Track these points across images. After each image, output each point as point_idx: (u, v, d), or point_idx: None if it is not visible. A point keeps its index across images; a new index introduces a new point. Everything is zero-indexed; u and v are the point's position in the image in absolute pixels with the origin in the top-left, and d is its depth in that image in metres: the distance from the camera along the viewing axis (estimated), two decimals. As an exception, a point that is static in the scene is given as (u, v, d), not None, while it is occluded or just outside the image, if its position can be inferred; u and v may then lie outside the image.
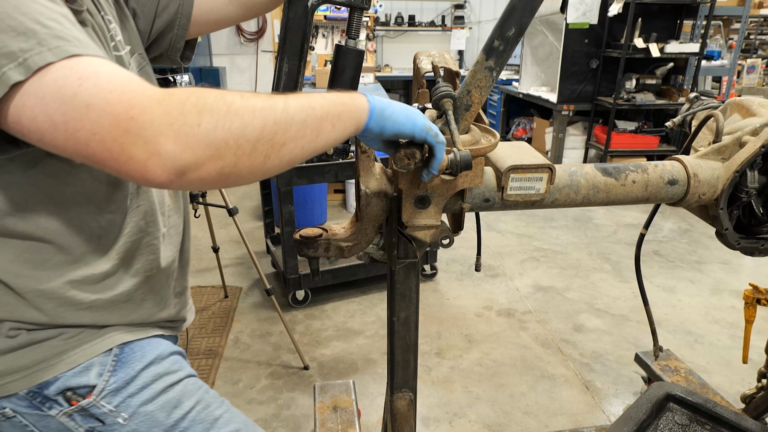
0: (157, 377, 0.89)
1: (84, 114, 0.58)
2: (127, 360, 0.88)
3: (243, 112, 0.63)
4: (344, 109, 0.73)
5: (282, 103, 0.67)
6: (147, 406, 0.87)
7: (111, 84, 0.59)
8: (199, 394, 0.94)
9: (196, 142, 0.60)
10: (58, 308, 0.82)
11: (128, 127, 0.58)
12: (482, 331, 2.84)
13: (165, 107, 0.59)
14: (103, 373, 0.85)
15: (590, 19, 4.68)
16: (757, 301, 1.76)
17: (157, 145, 0.59)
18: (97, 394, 0.84)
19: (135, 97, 0.59)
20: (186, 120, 0.59)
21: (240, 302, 3.09)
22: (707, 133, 1.24)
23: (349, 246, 1.01)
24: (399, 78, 7.57)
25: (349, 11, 0.89)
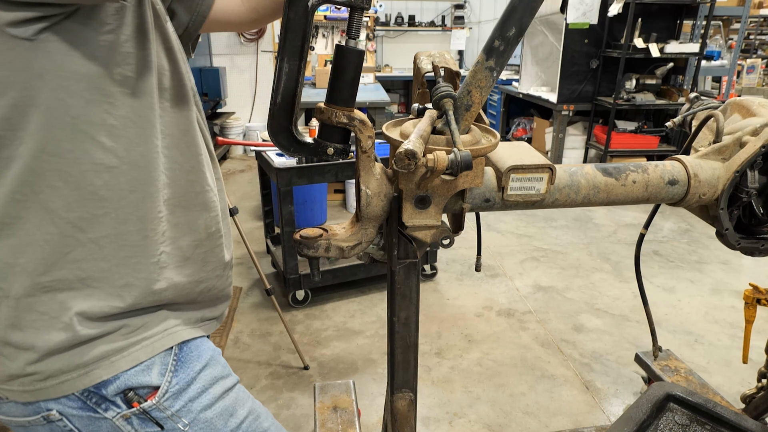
0: (214, 381, 0.86)
1: None
2: (186, 359, 0.83)
3: None
4: None
5: None
6: (207, 412, 0.83)
7: None
8: (249, 403, 0.91)
9: None
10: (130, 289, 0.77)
11: None
12: (482, 331, 2.84)
13: None
14: (165, 372, 0.80)
15: (590, 19, 4.68)
16: (757, 301, 1.76)
17: None
18: (161, 396, 0.80)
19: None
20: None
21: (240, 302, 3.09)
22: (707, 133, 1.24)
23: (349, 246, 1.01)
24: (399, 78, 7.58)
25: (349, 11, 0.89)
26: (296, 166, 2.68)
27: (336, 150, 0.92)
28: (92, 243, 0.74)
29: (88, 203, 0.72)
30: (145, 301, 0.80)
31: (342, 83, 0.89)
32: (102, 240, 0.74)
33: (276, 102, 0.91)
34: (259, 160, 3.10)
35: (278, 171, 2.67)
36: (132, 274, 0.77)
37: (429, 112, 0.91)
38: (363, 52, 0.89)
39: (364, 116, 0.90)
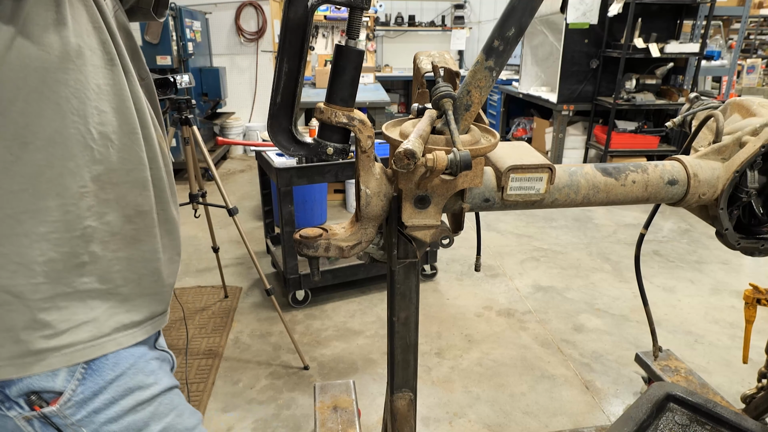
0: (127, 392, 0.82)
1: None
2: (97, 368, 0.80)
3: None
4: None
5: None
6: (111, 426, 0.81)
7: None
8: (169, 419, 0.86)
9: None
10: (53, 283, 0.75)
11: None
12: (482, 331, 2.84)
13: None
14: (71, 379, 0.78)
15: (590, 19, 4.68)
16: (757, 301, 1.76)
17: None
18: (63, 403, 0.78)
19: None
20: None
21: (240, 302, 3.09)
22: (707, 133, 1.24)
23: (349, 246, 1.01)
24: (399, 78, 7.58)
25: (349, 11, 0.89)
26: (296, 166, 2.68)
27: (336, 150, 0.92)
28: (10, 219, 0.72)
29: (4, 180, 0.71)
30: (70, 282, 0.77)
31: (342, 83, 0.89)
32: (21, 216, 0.72)
33: (276, 102, 0.91)
34: (259, 160, 3.10)
35: (278, 171, 2.67)
36: (54, 249, 0.75)
37: (428, 112, 0.91)
38: (363, 52, 0.89)
39: (363, 116, 0.90)
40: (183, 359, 2.49)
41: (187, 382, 2.34)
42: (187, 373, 2.41)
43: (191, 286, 3.26)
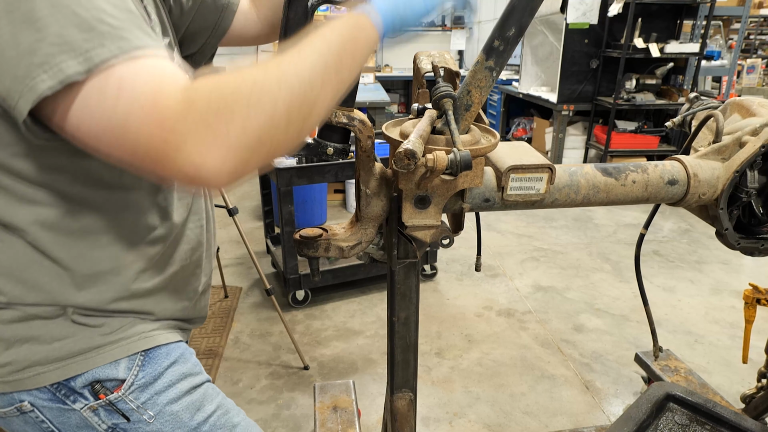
0: (182, 377, 0.88)
1: (125, 126, 0.58)
2: (154, 356, 0.86)
3: (267, 89, 0.60)
4: (357, 33, 0.70)
5: (297, 59, 0.64)
6: (173, 406, 0.86)
7: (145, 88, 0.58)
8: (219, 399, 0.93)
9: (235, 143, 0.59)
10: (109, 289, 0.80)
11: (168, 138, 0.58)
12: (482, 331, 2.84)
13: (196, 113, 0.58)
14: (132, 367, 0.83)
15: (590, 19, 4.68)
16: (757, 301, 1.76)
17: (201, 156, 0.58)
18: (126, 389, 0.82)
19: (167, 107, 0.58)
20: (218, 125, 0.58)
21: (240, 302, 3.09)
22: (707, 133, 1.24)
23: (349, 246, 1.01)
24: (399, 78, 7.58)
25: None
26: (296, 166, 2.68)
27: (336, 150, 0.92)
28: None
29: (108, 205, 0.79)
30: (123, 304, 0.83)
31: (342, 83, 0.89)
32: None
33: (276, 102, 0.91)
34: (259, 160, 3.09)
35: (278, 171, 2.67)
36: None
37: (428, 111, 0.91)
38: (363, 52, 0.89)
39: (364, 116, 0.90)
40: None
41: (187, 382, 2.34)
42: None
43: (191, 286, 3.26)
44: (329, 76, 0.66)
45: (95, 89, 0.58)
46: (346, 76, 0.68)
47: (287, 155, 0.65)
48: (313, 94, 0.64)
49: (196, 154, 0.58)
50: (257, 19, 1.08)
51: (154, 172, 0.62)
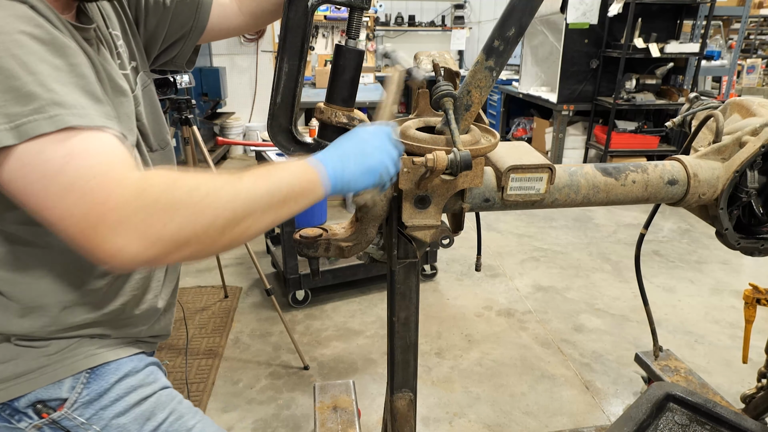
0: (131, 389, 0.89)
1: (64, 195, 0.60)
2: (101, 372, 0.87)
3: (214, 206, 0.65)
4: (307, 186, 0.76)
5: (249, 188, 0.69)
6: (120, 419, 0.87)
7: (93, 169, 0.60)
8: (172, 405, 0.93)
9: (163, 240, 0.63)
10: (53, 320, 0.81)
11: (103, 219, 0.60)
12: (482, 331, 2.84)
13: (140, 203, 0.61)
14: (76, 385, 0.84)
15: (590, 19, 4.68)
16: (757, 301, 1.76)
17: (126, 242, 0.61)
18: (69, 407, 0.84)
19: (114, 190, 0.60)
20: (157, 219, 0.62)
21: (240, 302, 3.09)
22: (707, 133, 1.24)
23: (349, 246, 1.01)
24: (399, 78, 7.56)
25: (349, 11, 0.89)
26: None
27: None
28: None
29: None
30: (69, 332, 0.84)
31: (342, 83, 0.89)
32: None
33: (276, 102, 0.91)
34: (259, 160, 3.10)
35: (278, 171, 2.67)
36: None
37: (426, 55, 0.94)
38: (363, 52, 0.89)
39: (364, 116, 0.91)
40: (183, 359, 2.49)
41: (187, 382, 2.34)
42: (187, 373, 2.41)
43: (191, 286, 3.26)
44: (267, 214, 0.72)
45: (33, 153, 0.59)
46: (283, 217, 0.75)
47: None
48: (249, 222, 0.70)
49: (123, 241, 0.61)
50: (238, 12, 1.08)
51: (71, 240, 0.63)
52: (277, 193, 0.72)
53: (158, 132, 0.99)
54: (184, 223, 0.63)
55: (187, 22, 1.02)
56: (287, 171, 0.75)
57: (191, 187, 0.65)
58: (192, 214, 0.64)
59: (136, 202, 0.61)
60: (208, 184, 0.66)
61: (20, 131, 0.58)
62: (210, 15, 1.05)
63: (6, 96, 0.58)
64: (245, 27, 1.11)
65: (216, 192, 0.66)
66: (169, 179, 0.64)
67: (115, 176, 0.61)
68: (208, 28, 1.06)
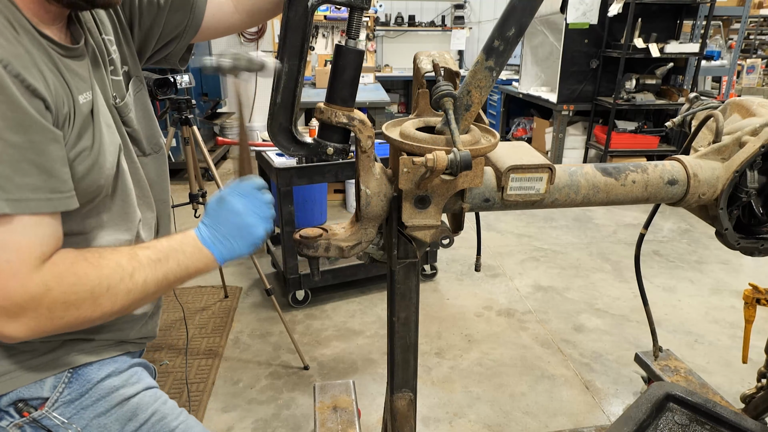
0: (112, 390, 0.89)
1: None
2: (83, 372, 0.87)
3: (113, 300, 0.72)
4: (201, 268, 0.84)
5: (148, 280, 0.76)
6: (101, 419, 0.87)
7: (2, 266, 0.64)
8: (155, 406, 0.93)
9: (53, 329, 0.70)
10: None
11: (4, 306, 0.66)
12: (482, 331, 2.84)
13: (35, 308, 0.66)
14: (58, 385, 0.85)
15: (590, 19, 4.68)
16: (757, 301, 1.76)
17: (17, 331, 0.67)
18: (50, 406, 0.84)
19: (17, 290, 0.65)
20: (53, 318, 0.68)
21: (240, 302, 3.09)
22: (707, 133, 1.24)
23: (349, 246, 1.01)
24: (399, 78, 7.57)
25: (349, 11, 0.89)
26: (296, 166, 2.68)
27: (336, 150, 0.92)
28: None
29: None
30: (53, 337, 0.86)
31: (342, 83, 0.89)
32: None
33: (276, 102, 0.91)
34: (259, 160, 3.10)
35: (278, 171, 2.67)
36: None
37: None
38: (363, 52, 0.89)
39: (363, 116, 0.90)
40: (183, 359, 2.49)
41: (187, 382, 2.34)
42: (187, 373, 2.41)
43: (191, 286, 3.26)
44: (158, 293, 0.80)
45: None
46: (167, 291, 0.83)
47: None
48: (139, 302, 0.77)
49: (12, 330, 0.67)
50: (234, 10, 1.08)
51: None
52: (172, 278, 0.80)
53: (151, 136, 1.00)
54: (79, 316, 0.70)
55: (182, 21, 1.02)
56: (183, 256, 0.82)
57: (94, 284, 0.70)
58: (89, 308, 0.70)
59: (42, 302, 0.67)
60: (110, 278, 0.72)
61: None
62: (205, 13, 1.05)
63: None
64: (241, 25, 1.11)
65: (116, 287, 0.72)
66: (75, 276, 0.69)
67: (20, 278, 0.65)
68: (203, 26, 1.06)
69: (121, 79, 0.90)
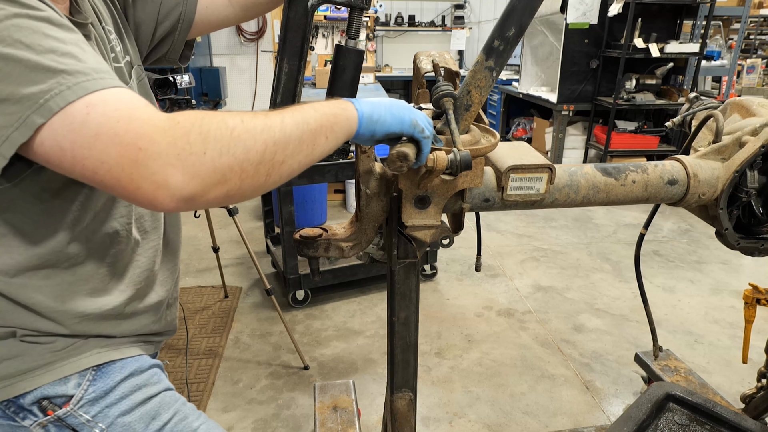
0: (135, 388, 0.89)
1: (92, 143, 0.59)
2: (106, 370, 0.87)
3: (245, 136, 0.65)
4: (336, 120, 0.76)
5: (279, 122, 0.69)
6: (125, 417, 0.86)
7: (118, 112, 0.60)
8: (176, 406, 0.93)
9: (202, 171, 0.62)
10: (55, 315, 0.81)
11: (136, 158, 0.59)
12: (482, 331, 2.84)
13: (171, 137, 0.60)
14: (82, 383, 0.84)
15: (590, 19, 4.68)
16: (757, 301, 1.76)
17: (166, 176, 0.60)
18: (75, 404, 0.83)
19: (142, 127, 0.60)
20: (192, 149, 0.61)
21: (240, 302, 3.09)
22: (707, 133, 1.24)
23: (349, 246, 1.01)
24: (399, 78, 7.57)
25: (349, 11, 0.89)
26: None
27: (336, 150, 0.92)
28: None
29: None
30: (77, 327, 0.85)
31: (342, 83, 0.89)
32: None
33: (276, 102, 0.91)
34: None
35: (278, 171, 2.67)
36: None
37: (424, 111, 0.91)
38: (363, 52, 0.89)
39: (364, 116, 0.90)
40: (183, 359, 2.49)
41: (187, 382, 2.34)
42: (187, 373, 2.41)
43: (191, 286, 3.26)
44: (300, 148, 0.72)
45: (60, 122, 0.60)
46: (316, 153, 0.75)
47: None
48: (283, 155, 0.69)
49: (163, 176, 0.60)
50: (228, 3, 1.09)
51: (113, 189, 0.63)
52: (309, 122, 0.72)
53: None
54: (220, 152, 0.62)
55: (176, 14, 1.03)
56: (317, 104, 0.76)
57: (220, 120, 0.64)
58: (226, 144, 0.63)
59: (168, 136, 0.60)
60: (235, 117, 0.66)
61: (48, 108, 0.59)
62: (197, 6, 1.05)
63: (21, 80, 0.59)
64: (235, 18, 1.12)
65: (245, 124, 0.66)
66: (197, 115, 0.64)
67: (140, 116, 0.61)
68: (197, 20, 1.06)
69: (122, 66, 0.90)
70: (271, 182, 0.69)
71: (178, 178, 0.60)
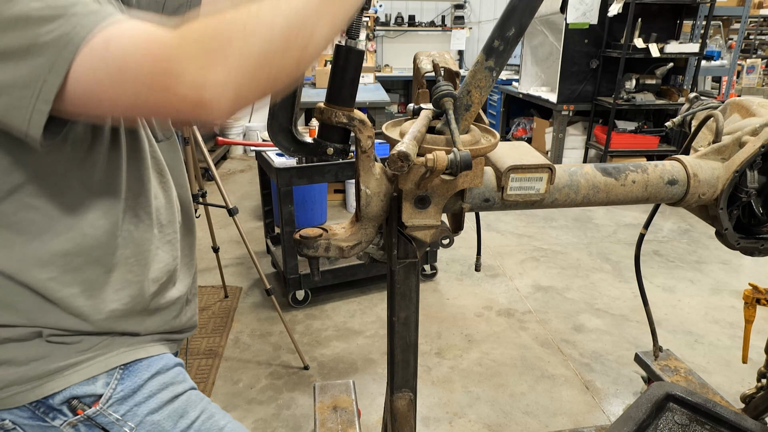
0: (163, 387, 0.89)
1: (124, 65, 0.59)
2: (134, 369, 0.87)
3: (262, 17, 0.62)
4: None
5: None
6: (154, 416, 0.87)
7: (133, 39, 0.60)
8: (203, 405, 0.94)
9: (236, 60, 0.60)
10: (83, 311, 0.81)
11: (168, 68, 0.59)
12: (482, 331, 2.84)
13: (191, 39, 0.60)
14: (110, 382, 0.84)
15: (590, 19, 4.68)
16: (756, 301, 1.76)
17: (202, 76, 0.59)
18: (104, 403, 0.83)
19: (160, 38, 0.60)
20: (217, 42, 0.59)
21: (240, 302, 3.09)
22: (707, 133, 1.24)
23: (349, 246, 1.01)
24: (399, 78, 7.58)
25: (349, 11, 0.89)
26: (296, 166, 2.68)
27: (336, 150, 0.92)
28: None
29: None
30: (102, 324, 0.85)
31: (342, 83, 0.89)
32: None
33: (276, 102, 0.91)
34: (259, 160, 3.10)
35: (278, 171, 2.67)
36: None
37: (424, 112, 0.91)
38: (363, 52, 0.89)
39: (363, 116, 0.90)
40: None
41: (187, 382, 2.34)
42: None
43: (191, 286, 3.26)
44: (325, 8, 0.65)
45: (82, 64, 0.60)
46: (341, 12, 0.68)
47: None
48: (310, 22, 0.64)
49: (198, 76, 0.59)
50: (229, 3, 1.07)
51: (160, 110, 0.63)
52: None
53: None
54: (242, 43, 0.60)
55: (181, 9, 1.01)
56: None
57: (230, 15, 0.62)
58: (244, 33, 0.60)
59: (187, 40, 0.59)
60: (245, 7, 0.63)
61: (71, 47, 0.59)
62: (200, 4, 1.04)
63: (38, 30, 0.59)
64: None
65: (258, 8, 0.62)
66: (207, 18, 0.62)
67: (154, 35, 0.60)
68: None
69: None
70: (311, 51, 0.65)
71: (215, 75, 0.59)
